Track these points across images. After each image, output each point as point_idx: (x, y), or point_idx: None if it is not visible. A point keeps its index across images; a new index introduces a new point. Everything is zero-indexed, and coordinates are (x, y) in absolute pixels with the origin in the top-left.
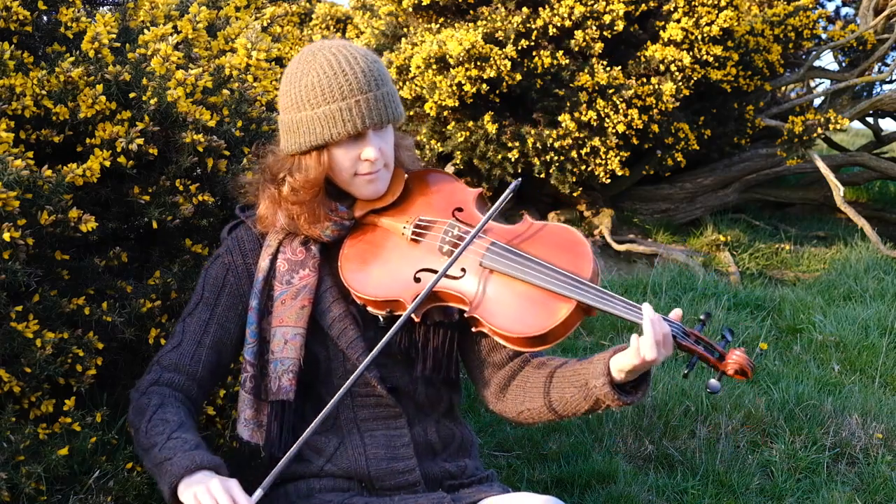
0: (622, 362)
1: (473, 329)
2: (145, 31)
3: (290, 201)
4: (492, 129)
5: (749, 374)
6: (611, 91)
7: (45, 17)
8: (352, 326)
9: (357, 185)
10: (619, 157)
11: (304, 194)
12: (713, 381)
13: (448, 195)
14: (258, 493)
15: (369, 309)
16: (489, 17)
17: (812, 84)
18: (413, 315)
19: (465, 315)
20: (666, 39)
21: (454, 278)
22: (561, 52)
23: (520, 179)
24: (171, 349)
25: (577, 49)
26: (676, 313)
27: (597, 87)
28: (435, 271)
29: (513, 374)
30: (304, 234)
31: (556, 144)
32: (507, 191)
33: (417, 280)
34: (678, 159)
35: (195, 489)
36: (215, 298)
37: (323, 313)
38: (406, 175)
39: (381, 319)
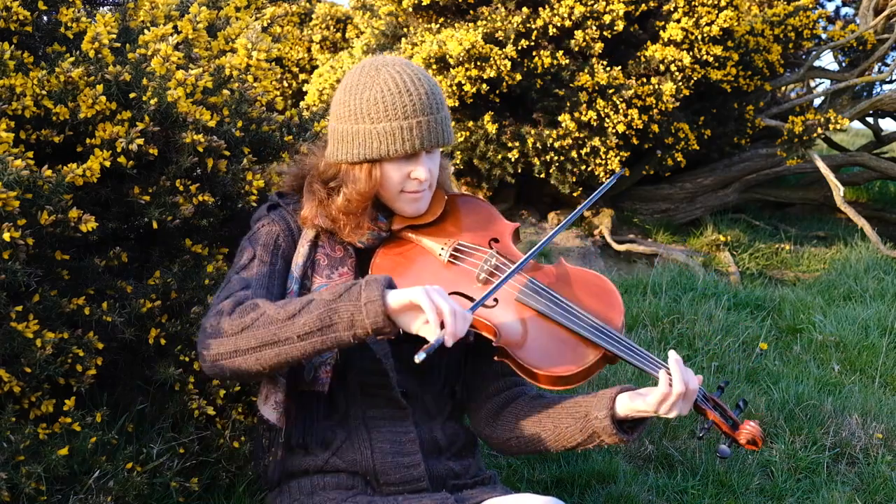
0: (634, 405)
1: (496, 358)
2: (145, 31)
3: (341, 210)
4: (492, 129)
5: (759, 445)
6: (611, 91)
7: (45, 17)
8: None
9: (401, 201)
10: (619, 157)
11: (357, 206)
12: (724, 447)
13: (486, 224)
14: (471, 309)
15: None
16: (489, 17)
17: (812, 84)
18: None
19: (493, 344)
20: (666, 39)
21: (487, 307)
22: (561, 52)
23: (624, 170)
24: (241, 289)
25: (577, 49)
26: (698, 378)
27: (597, 87)
28: (467, 296)
29: (507, 402)
30: (340, 237)
31: (556, 144)
32: (611, 178)
33: None
34: (678, 159)
35: (426, 290)
36: (270, 257)
37: None
38: (446, 197)
39: (402, 332)
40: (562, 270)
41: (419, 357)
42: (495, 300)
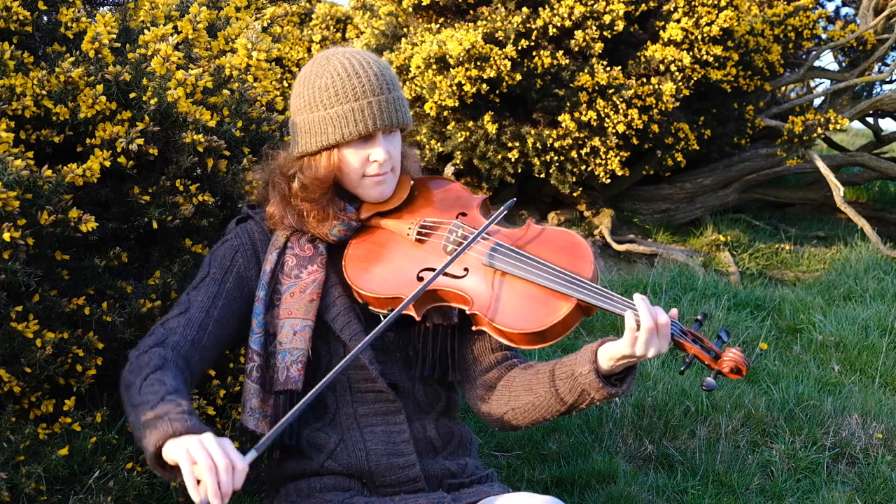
0: (612, 349)
1: (474, 328)
2: (145, 31)
3: (300, 198)
4: (492, 129)
5: (744, 371)
6: (611, 91)
7: (45, 17)
8: (355, 320)
9: (364, 186)
10: (619, 157)
11: (314, 192)
12: (709, 380)
13: (452, 200)
14: (252, 453)
15: (371, 308)
16: (489, 17)
17: (812, 84)
18: (414, 313)
19: (467, 312)
20: (666, 39)
21: (457, 277)
22: (561, 52)
23: (512, 200)
24: (178, 314)
25: (577, 49)
26: (673, 312)
27: (597, 87)
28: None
29: (499, 377)
30: (311, 232)
31: (556, 144)
32: (502, 209)
33: (420, 279)
34: (678, 159)
35: (187, 444)
36: (223, 275)
37: (327, 307)
38: (412, 182)
39: (383, 318)
40: (529, 231)
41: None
42: (465, 269)
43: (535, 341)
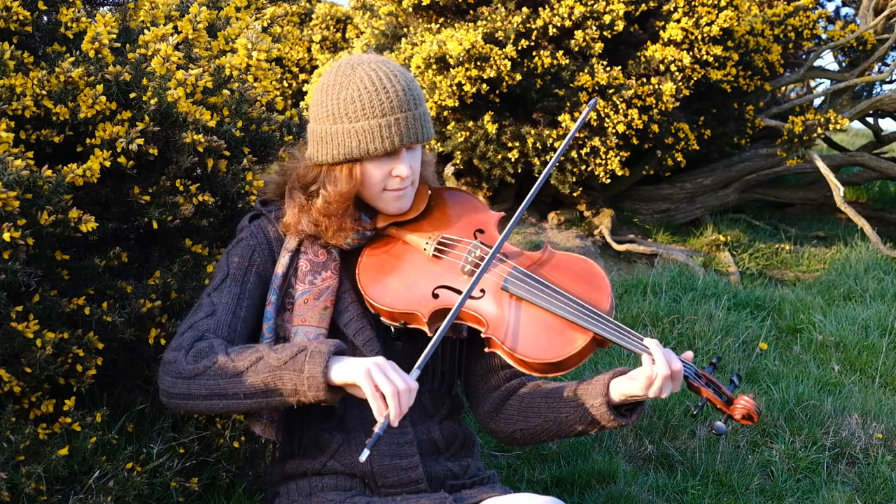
0: (625, 389)
1: (486, 350)
2: (145, 31)
3: (322, 213)
4: (492, 129)
5: (755, 419)
6: (611, 91)
7: (45, 17)
8: (368, 326)
9: (384, 200)
10: (619, 157)
11: (337, 207)
12: (719, 424)
13: (470, 215)
14: (415, 371)
15: (382, 319)
16: (489, 17)
17: (812, 84)
18: (427, 328)
19: (482, 335)
20: (666, 39)
21: (474, 299)
22: (561, 52)
23: (595, 100)
24: (206, 317)
25: (577, 49)
26: (688, 355)
27: (597, 87)
28: (454, 289)
29: (508, 395)
30: (326, 240)
31: (556, 144)
32: (585, 111)
33: (436, 296)
34: (678, 159)
35: (366, 366)
36: (243, 275)
37: (340, 313)
38: (430, 192)
39: (393, 330)
40: (547, 256)
41: (363, 456)
42: (482, 291)
43: (549, 371)
